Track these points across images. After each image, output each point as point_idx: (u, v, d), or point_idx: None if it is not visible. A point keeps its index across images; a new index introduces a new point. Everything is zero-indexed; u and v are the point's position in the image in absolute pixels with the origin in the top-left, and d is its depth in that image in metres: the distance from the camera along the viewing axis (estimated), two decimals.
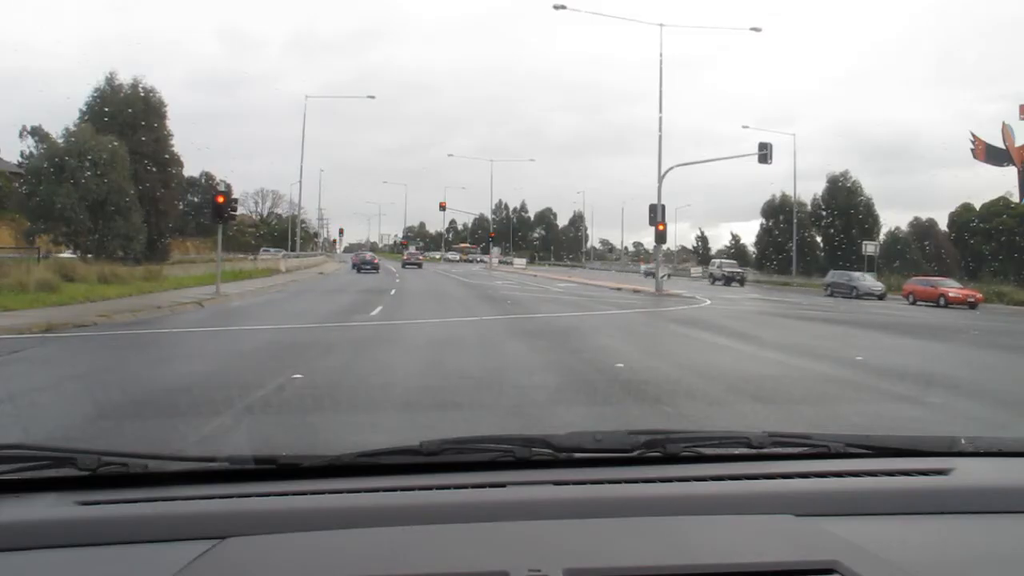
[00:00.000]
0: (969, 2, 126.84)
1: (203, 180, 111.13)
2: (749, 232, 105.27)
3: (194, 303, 18.96)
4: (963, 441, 1.91)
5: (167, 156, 35.94)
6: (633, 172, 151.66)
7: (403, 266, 58.78)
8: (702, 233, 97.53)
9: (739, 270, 51.74)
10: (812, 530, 1.41)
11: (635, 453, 1.72)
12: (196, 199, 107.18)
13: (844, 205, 58.11)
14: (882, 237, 57.58)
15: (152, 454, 1.60)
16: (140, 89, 35.21)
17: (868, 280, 39.35)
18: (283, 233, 77.08)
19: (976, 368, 11.84)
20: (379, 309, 18.33)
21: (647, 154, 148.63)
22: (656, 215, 33.42)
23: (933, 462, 1.78)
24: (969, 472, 1.73)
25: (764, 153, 35.03)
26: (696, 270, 70.11)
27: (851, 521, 1.46)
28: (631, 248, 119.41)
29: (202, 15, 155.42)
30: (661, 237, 33.91)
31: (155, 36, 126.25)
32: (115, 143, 30.63)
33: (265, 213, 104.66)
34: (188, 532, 1.35)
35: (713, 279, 51.11)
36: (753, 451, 1.78)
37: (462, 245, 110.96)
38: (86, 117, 33.25)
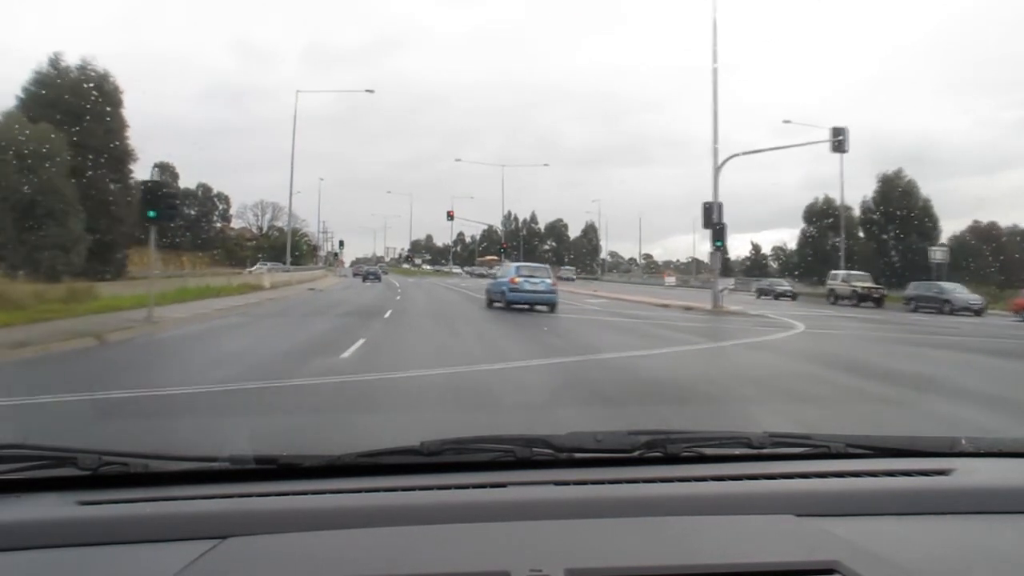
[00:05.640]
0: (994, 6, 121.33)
1: (199, 192, 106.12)
2: (764, 243, 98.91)
3: (93, 337, 13.27)
4: (963, 441, 1.88)
5: (120, 150, 29.90)
6: (643, 183, 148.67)
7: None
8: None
9: (875, 286, 38.33)
10: (813, 530, 1.39)
11: (636, 453, 1.70)
12: (193, 211, 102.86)
13: (899, 208, 51.92)
14: (943, 241, 51.26)
15: (153, 454, 1.58)
16: (91, 72, 29.50)
17: (963, 292, 33.25)
18: (283, 246, 74.25)
19: None
20: (359, 344, 12.19)
21: (658, 165, 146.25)
22: (712, 214, 27.37)
23: (934, 462, 1.76)
24: (970, 472, 1.70)
25: (840, 140, 29.19)
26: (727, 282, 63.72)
27: (852, 521, 1.44)
28: (641, 261, 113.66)
29: (214, 29, 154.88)
30: (719, 238, 27.62)
31: (166, 51, 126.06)
32: (52, 134, 24.89)
33: (265, 226, 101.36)
34: (189, 532, 1.33)
35: (836, 298, 38.47)
36: (754, 451, 1.76)
37: (489, 258, 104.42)
38: (22, 103, 27.52)
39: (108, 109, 29.42)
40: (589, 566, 1.18)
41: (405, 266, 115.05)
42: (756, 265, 78.82)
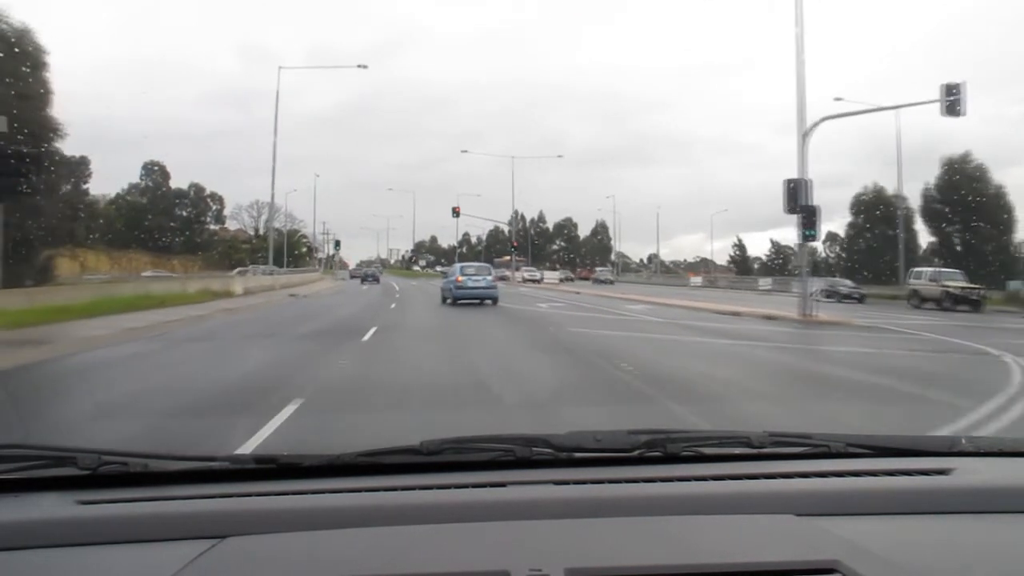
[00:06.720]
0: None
1: (191, 192, 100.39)
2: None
3: None
4: (963, 441, 1.87)
5: (43, 125, 23.58)
6: (646, 184, 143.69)
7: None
8: (739, 241, 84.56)
9: (974, 286, 32.45)
10: (813, 530, 1.38)
11: (635, 453, 1.68)
12: (184, 212, 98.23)
13: (969, 196, 45.35)
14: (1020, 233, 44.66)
15: (152, 453, 1.57)
16: (2, 25, 23.37)
17: None
18: (279, 248, 69.56)
19: None
20: (282, 418, 5.96)
21: (660, 165, 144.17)
22: (800, 195, 20.93)
23: (934, 462, 1.74)
24: (969, 472, 1.68)
25: (954, 99, 22.52)
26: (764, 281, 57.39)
27: (852, 521, 1.42)
28: (646, 261, 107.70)
29: (216, 32, 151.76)
30: (810, 225, 21.11)
31: (166, 54, 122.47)
32: None
33: (261, 227, 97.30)
34: (188, 531, 1.32)
35: (920, 300, 32.86)
36: (754, 451, 1.74)
37: (506, 259, 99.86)
38: None
39: (25, 71, 23.26)
40: (589, 566, 1.18)
41: (415, 268, 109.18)
42: (773, 264, 73.80)
